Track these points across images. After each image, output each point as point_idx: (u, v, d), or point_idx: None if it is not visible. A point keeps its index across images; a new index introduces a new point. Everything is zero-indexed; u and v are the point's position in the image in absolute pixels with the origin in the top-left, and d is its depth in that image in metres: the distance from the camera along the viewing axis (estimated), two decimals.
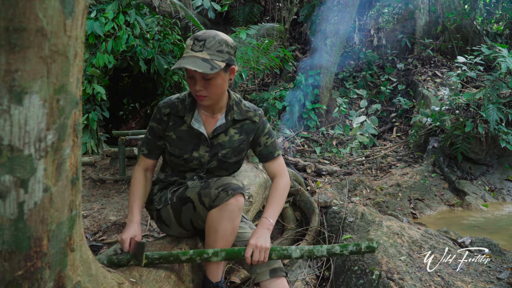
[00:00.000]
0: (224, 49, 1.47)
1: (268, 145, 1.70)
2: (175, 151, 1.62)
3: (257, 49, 5.34)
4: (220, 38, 1.47)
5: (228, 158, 1.65)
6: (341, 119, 6.22)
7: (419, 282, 1.88)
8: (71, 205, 0.91)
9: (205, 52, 1.44)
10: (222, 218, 1.45)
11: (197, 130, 1.61)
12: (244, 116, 1.67)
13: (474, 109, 4.52)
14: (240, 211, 1.47)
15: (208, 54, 1.44)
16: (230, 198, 1.43)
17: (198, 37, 1.46)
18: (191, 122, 1.61)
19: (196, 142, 1.62)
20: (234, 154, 1.66)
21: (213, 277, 1.57)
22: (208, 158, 1.63)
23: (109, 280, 1.19)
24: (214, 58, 1.44)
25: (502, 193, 4.39)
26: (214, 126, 1.63)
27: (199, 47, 1.44)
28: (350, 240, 2.41)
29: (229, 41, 1.50)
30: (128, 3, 4.18)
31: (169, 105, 1.63)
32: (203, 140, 1.62)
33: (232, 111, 1.65)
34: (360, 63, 7.48)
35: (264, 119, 1.72)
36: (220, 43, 1.46)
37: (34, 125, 0.78)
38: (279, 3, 8.00)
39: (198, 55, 1.43)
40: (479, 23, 7.82)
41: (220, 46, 1.46)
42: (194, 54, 1.44)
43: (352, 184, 4.07)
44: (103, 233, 2.63)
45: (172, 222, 1.66)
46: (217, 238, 1.48)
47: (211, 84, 1.48)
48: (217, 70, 1.42)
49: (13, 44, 0.73)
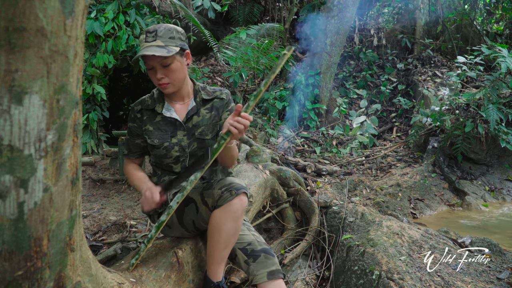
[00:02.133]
0: (175, 35, 1.56)
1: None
2: (155, 141, 1.67)
3: (257, 49, 5.34)
4: (170, 27, 1.56)
5: (205, 135, 1.70)
6: (341, 119, 6.22)
7: (419, 282, 1.88)
8: (71, 205, 0.91)
9: (158, 40, 1.52)
10: (226, 218, 1.46)
11: (170, 117, 1.67)
12: (212, 95, 1.75)
13: (474, 109, 4.52)
14: (243, 211, 1.49)
15: (162, 41, 1.52)
16: (234, 198, 1.44)
17: (149, 29, 1.54)
18: (163, 111, 1.68)
19: (172, 129, 1.68)
20: (209, 130, 1.71)
21: (214, 277, 1.57)
22: (187, 141, 1.68)
23: (109, 280, 1.19)
24: (168, 44, 1.53)
25: (502, 193, 4.39)
26: (186, 111, 1.70)
27: (152, 37, 1.52)
28: (350, 240, 2.41)
29: (178, 29, 1.60)
30: (128, 3, 4.18)
31: (140, 102, 1.73)
32: (179, 126, 1.68)
33: (199, 93, 1.73)
34: (360, 63, 7.47)
35: (230, 97, 1.79)
36: (171, 31, 1.55)
37: (34, 125, 0.77)
38: (279, 3, 8.00)
39: (153, 44, 1.51)
40: (479, 23, 7.81)
41: (171, 33, 1.55)
42: (148, 44, 1.51)
43: (352, 184, 4.06)
44: (103, 233, 2.63)
45: (174, 223, 1.66)
46: (221, 238, 1.48)
47: (170, 70, 1.55)
48: (174, 53, 1.51)
49: (13, 44, 0.73)
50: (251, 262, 1.55)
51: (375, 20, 8.63)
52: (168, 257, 1.58)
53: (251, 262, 1.55)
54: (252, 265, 1.54)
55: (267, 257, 1.55)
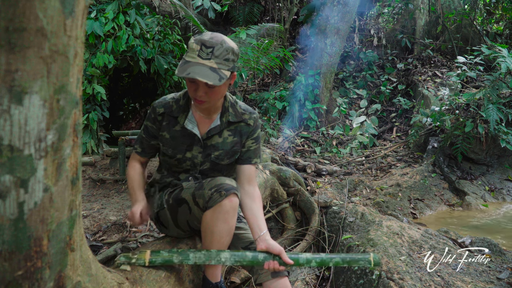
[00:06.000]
0: (230, 57, 1.43)
1: (251, 149, 1.67)
2: (169, 151, 1.62)
3: (257, 49, 5.34)
4: (227, 46, 1.42)
5: (221, 160, 1.64)
6: (341, 119, 6.22)
7: (419, 282, 1.88)
8: (71, 205, 0.91)
9: (213, 60, 1.39)
10: (217, 220, 1.43)
11: (190, 131, 1.60)
12: (239, 118, 1.64)
13: (474, 109, 4.52)
14: (235, 211, 1.45)
15: (216, 63, 1.39)
16: (223, 199, 1.41)
17: (206, 42, 1.40)
18: (185, 123, 1.60)
19: (189, 142, 1.61)
20: (227, 156, 1.64)
21: (212, 278, 1.57)
22: (201, 159, 1.62)
23: (109, 280, 1.19)
24: (221, 67, 1.40)
25: (502, 193, 4.39)
26: (208, 127, 1.62)
27: (207, 55, 1.39)
28: (350, 240, 2.41)
29: (235, 49, 1.47)
30: (128, 3, 4.18)
31: (164, 104, 1.62)
32: (197, 141, 1.61)
33: (227, 113, 1.63)
34: (360, 63, 7.48)
35: (258, 123, 1.69)
36: (227, 51, 1.42)
37: (34, 125, 0.77)
38: (279, 3, 8.00)
39: (206, 63, 1.38)
40: (479, 23, 7.81)
41: (227, 54, 1.42)
42: (201, 61, 1.39)
43: (352, 184, 4.06)
44: (103, 233, 2.62)
45: (170, 223, 1.65)
46: (214, 239, 1.47)
47: (213, 92, 1.45)
48: (224, 81, 1.39)
49: (13, 44, 0.73)
50: None
51: (375, 20, 8.64)
52: None
53: None
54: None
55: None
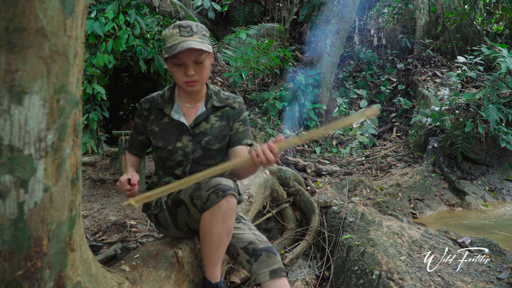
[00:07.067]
0: (206, 34, 1.54)
1: (239, 131, 1.71)
2: (159, 143, 1.65)
3: (257, 49, 5.34)
4: (200, 25, 1.53)
5: (211, 145, 1.67)
6: (341, 119, 6.22)
7: (419, 282, 1.88)
8: (71, 205, 0.91)
9: (195, 36, 1.48)
10: (216, 221, 1.43)
11: (178, 120, 1.64)
12: (224, 103, 1.70)
13: (474, 109, 4.52)
14: (233, 211, 1.46)
15: (198, 37, 1.48)
16: (221, 200, 1.41)
17: (182, 24, 1.49)
18: (171, 113, 1.65)
19: (178, 132, 1.65)
20: (217, 141, 1.67)
21: (212, 278, 1.57)
22: (192, 147, 1.65)
23: (109, 280, 1.19)
24: (203, 41, 1.50)
25: (502, 193, 4.39)
26: (194, 115, 1.67)
27: (188, 32, 1.48)
28: (350, 240, 2.41)
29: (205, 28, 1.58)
30: (128, 3, 4.18)
31: (149, 100, 1.69)
32: (185, 130, 1.65)
33: (211, 99, 1.69)
34: (360, 63, 7.48)
35: (243, 107, 1.74)
36: (202, 29, 1.52)
37: (34, 125, 0.77)
38: (279, 3, 7.99)
39: (190, 38, 1.47)
40: (479, 23, 7.81)
41: (203, 31, 1.53)
42: (186, 38, 1.47)
43: (352, 184, 4.06)
44: (103, 233, 2.62)
45: (169, 224, 1.66)
46: (212, 240, 1.47)
47: (202, 67, 1.53)
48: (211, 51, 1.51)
49: (13, 44, 0.73)
50: (253, 261, 1.54)
51: (375, 20, 8.64)
52: (168, 257, 1.58)
53: (253, 261, 1.54)
54: (254, 264, 1.53)
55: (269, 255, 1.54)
